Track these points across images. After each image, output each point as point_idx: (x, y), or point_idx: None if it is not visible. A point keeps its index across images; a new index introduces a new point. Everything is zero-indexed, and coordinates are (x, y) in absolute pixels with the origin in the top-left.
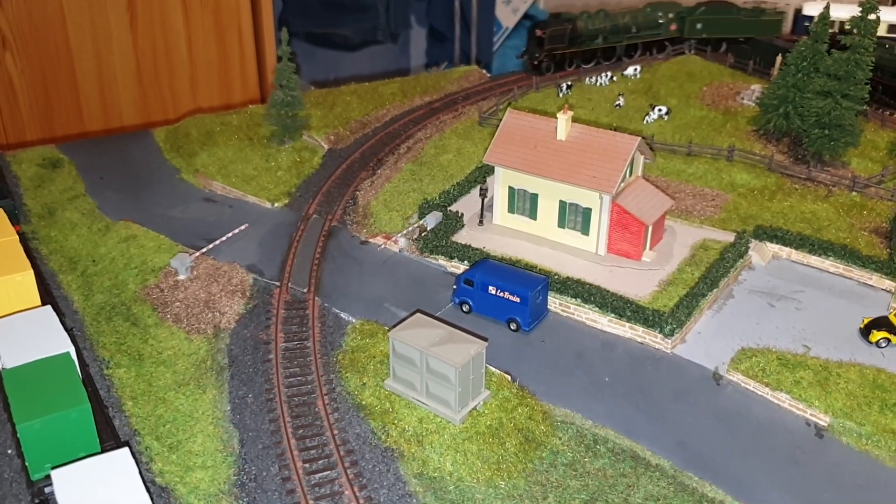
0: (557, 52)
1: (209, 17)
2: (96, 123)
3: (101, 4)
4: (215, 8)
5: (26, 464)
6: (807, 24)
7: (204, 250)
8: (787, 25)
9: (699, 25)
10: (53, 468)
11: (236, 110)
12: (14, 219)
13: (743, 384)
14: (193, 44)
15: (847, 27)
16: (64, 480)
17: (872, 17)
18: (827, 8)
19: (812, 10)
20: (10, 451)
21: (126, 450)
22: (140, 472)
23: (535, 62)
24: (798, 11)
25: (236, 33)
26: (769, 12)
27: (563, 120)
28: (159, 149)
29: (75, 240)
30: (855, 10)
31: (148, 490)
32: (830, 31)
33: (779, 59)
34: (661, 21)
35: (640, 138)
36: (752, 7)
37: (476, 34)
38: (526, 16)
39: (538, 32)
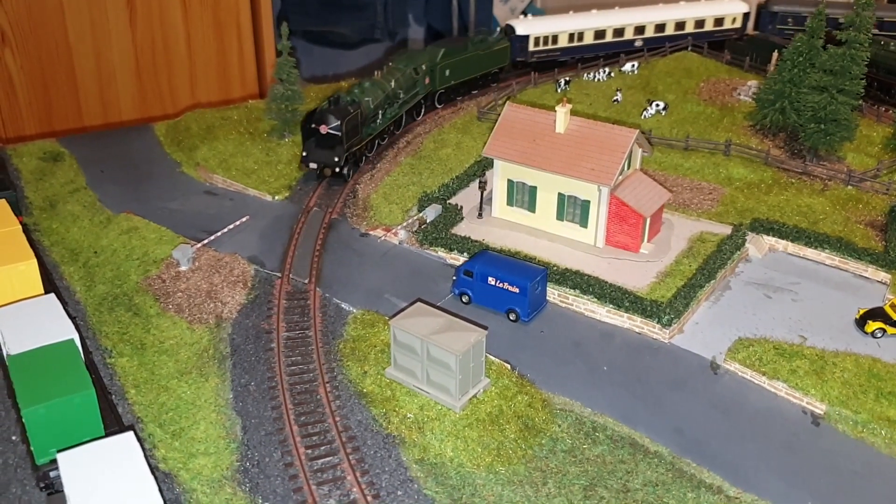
0: (356, 149)
1: (208, 14)
2: (95, 119)
3: (101, 1)
4: (214, 4)
5: (31, 449)
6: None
7: (206, 241)
8: (742, 23)
9: (447, 72)
10: (59, 451)
11: (236, 105)
12: (16, 210)
13: (740, 373)
14: (192, 40)
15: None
16: (70, 463)
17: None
18: (823, 5)
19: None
20: (14, 438)
21: (131, 433)
22: (145, 455)
23: (339, 169)
24: (761, 7)
25: (235, 30)
26: (493, 40)
27: (562, 113)
28: (160, 143)
29: (77, 232)
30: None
31: (153, 472)
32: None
33: (775, 55)
34: (416, 78)
35: (637, 131)
36: (479, 39)
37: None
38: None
39: (323, 129)
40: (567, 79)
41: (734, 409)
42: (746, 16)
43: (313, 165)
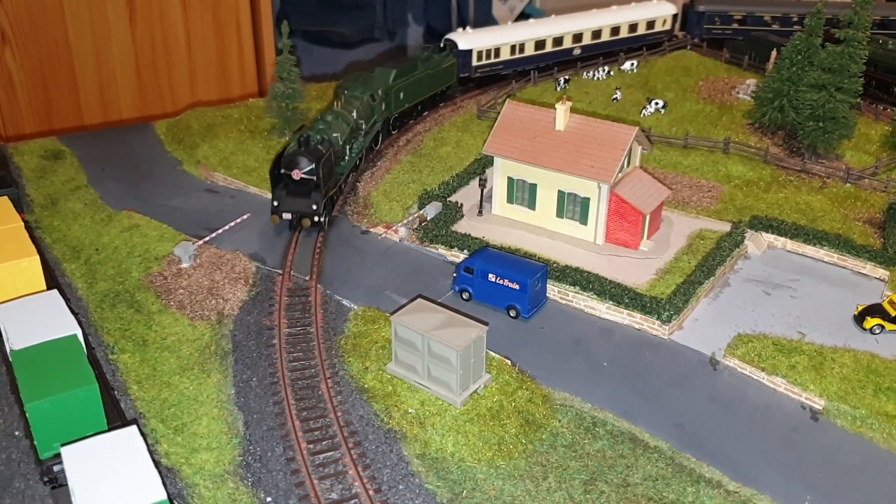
0: (333, 192)
1: (208, 13)
2: (95, 118)
3: (101, 0)
4: (214, 4)
5: (35, 443)
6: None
7: (207, 239)
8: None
9: (401, 95)
10: (63, 445)
11: (236, 104)
12: (17, 208)
13: (739, 369)
14: (192, 39)
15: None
16: (74, 457)
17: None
18: (821, 5)
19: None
20: (17, 433)
21: (134, 427)
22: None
23: (317, 218)
24: (686, 7)
25: (235, 29)
26: (439, 58)
27: (562, 110)
28: (160, 141)
29: (78, 229)
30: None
31: (157, 465)
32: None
33: (773, 53)
34: (374, 105)
35: (637, 128)
36: (426, 56)
37: None
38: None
39: (297, 174)
40: (566, 77)
41: (734, 405)
42: (675, 17)
43: (287, 216)
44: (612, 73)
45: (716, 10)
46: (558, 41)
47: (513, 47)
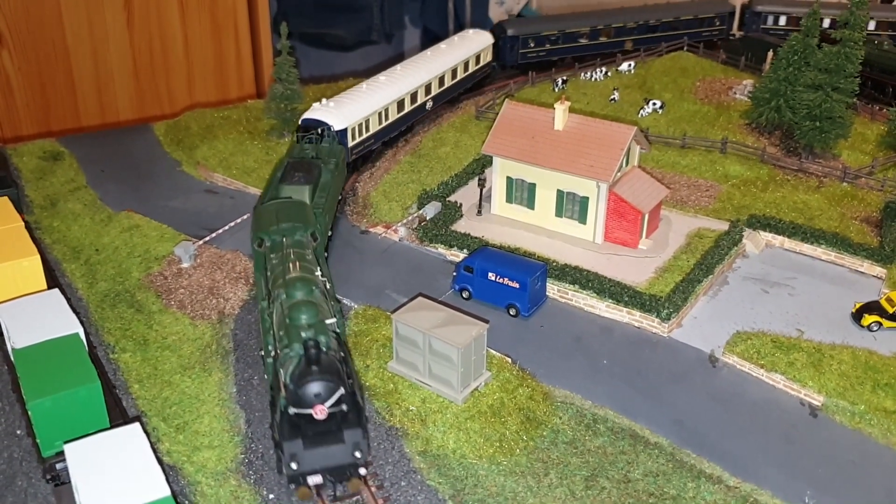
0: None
1: (206, 16)
2: (93, 120)
3: (98, 2)
4: (212, 7)
5: (37, 441)
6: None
7: (207, 239)
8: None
9: (326, 217)
10: (66, 443)
11: (235, 105)
12: (17, 209)
13: (738, 366)
14: (190, 42)
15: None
16: (77, 454)
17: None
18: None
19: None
20: (19, 432)
21: (137, 424)
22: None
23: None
24: (498, 36)
25: (232, 32)
26: (333, 149)
27: (561, 110)
28: (159, 142)
29: (78, 230)
30: None
31: (160, 462)
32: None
33: (770, 54)
34: (315, 245)
35: (636, 128)
36: (310, 149)
37: None
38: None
39: (321, 411)
40: (564, 78)
41: (733, 401)
42: (494, 45)
43: (317, 479)
44: (609, 73)
45: (529, 32)
46: (414, 97)
47: (380, 115)
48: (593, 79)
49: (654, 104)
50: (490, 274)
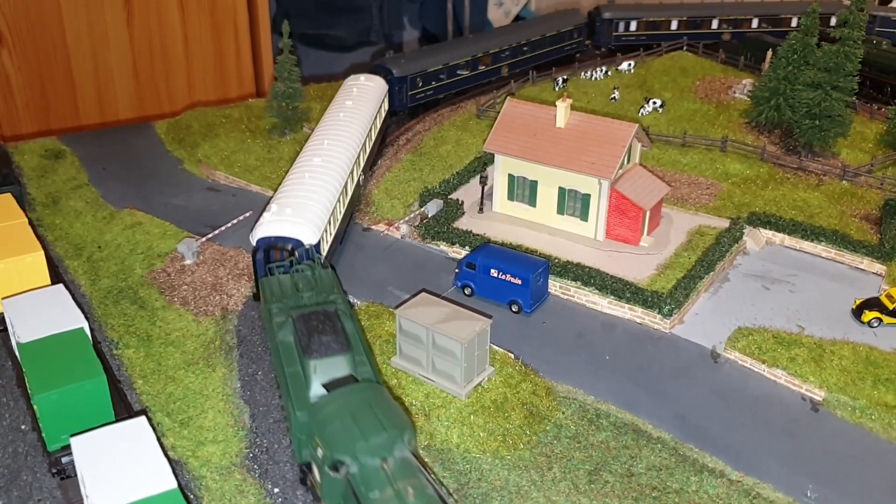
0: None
1: (205, 16)
2: (92, 119)
3: (98, 2)
4: (211, 6)
5: (43, 435)
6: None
7: (210, 236)
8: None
9: None
10: (72, 436)
11: (236, 104)
12: (20, 205)
13: (740, 361)
14: (190, 41)
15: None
16: (83, 447)
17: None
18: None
19: None
20: (23, 427)
21: (143, 418)
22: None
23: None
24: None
25: (232, 31)
26: (322, 279)
27: (563, 108)
28: (161, 141)
29: (80, 227)
30: None
31: (166, 455)
32: None
33: (769, 54)
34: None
35: (637, 125)
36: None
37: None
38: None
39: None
40: (564, 77)
41: (735, 397)
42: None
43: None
44: (609, 72)
45: (416, 71)
46: (352, 175)
47: (334, 210)
48: (593, 78)
49: (655, 103)
50: (492, 270)
